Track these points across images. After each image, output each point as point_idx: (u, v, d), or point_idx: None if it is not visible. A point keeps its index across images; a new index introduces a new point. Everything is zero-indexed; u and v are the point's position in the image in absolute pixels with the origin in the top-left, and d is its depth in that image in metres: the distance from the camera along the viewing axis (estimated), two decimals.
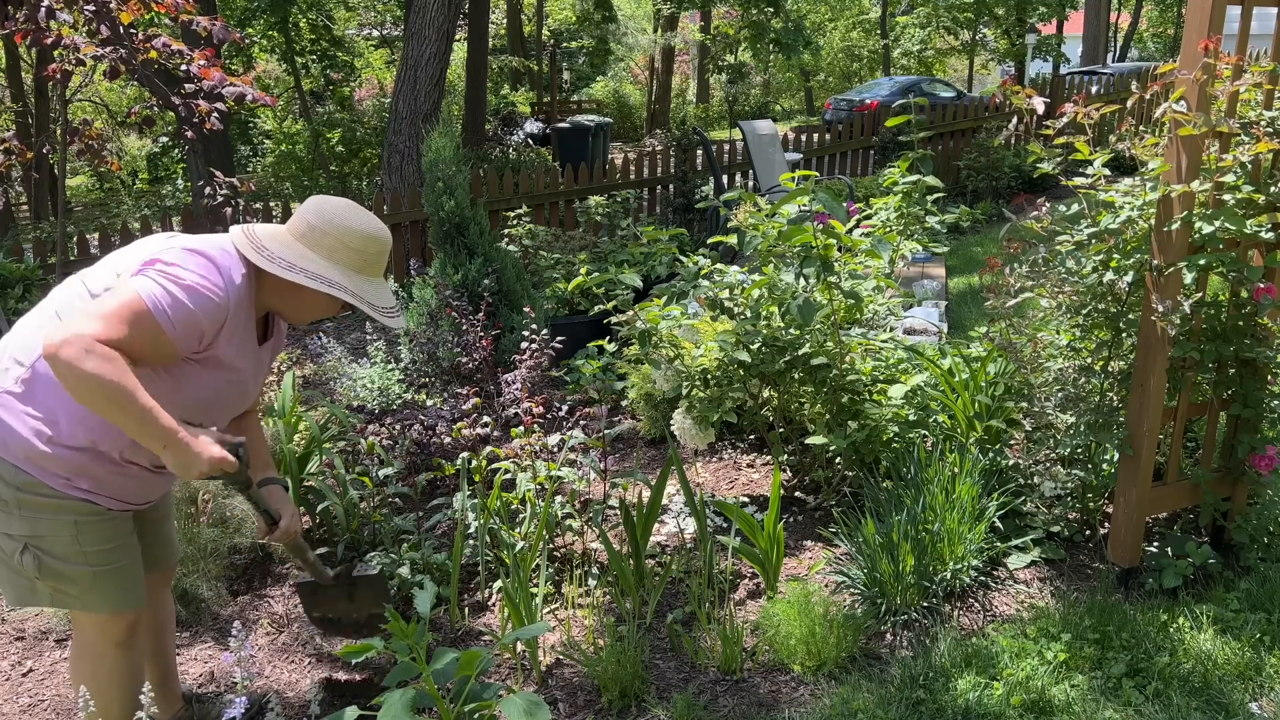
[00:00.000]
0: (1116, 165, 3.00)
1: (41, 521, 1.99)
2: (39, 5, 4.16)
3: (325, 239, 2.07)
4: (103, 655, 2.15)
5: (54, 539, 2.01)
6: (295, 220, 2.11)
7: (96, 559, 2.05)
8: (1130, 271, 2.82)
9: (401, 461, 3.61)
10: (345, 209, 2.10)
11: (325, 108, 17.21)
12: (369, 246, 2.10)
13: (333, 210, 2.09)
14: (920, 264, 6.27)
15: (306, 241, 2.07)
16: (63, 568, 2.03)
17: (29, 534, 2.00)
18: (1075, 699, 2.45)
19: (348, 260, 2.08)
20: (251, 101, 4.65)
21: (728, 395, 3.53)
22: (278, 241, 2.07)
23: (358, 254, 2.08)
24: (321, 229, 2.07)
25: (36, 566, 2.01)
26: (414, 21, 8.85)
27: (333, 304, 2.15)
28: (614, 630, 2.73)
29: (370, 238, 2.10)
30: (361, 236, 2.08)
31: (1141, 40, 32.12)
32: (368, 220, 2.10)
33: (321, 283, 2.03)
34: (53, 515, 1.99)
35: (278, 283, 2.08)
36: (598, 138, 15.63)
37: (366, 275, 2.12)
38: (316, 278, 2.03)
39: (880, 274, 3.81)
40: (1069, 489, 3.13)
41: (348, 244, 2.07)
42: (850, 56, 29.49)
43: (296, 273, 2.03)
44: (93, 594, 2.07)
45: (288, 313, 2.19)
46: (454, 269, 5.36)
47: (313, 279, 2.03)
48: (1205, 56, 2.55)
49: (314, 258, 2.06)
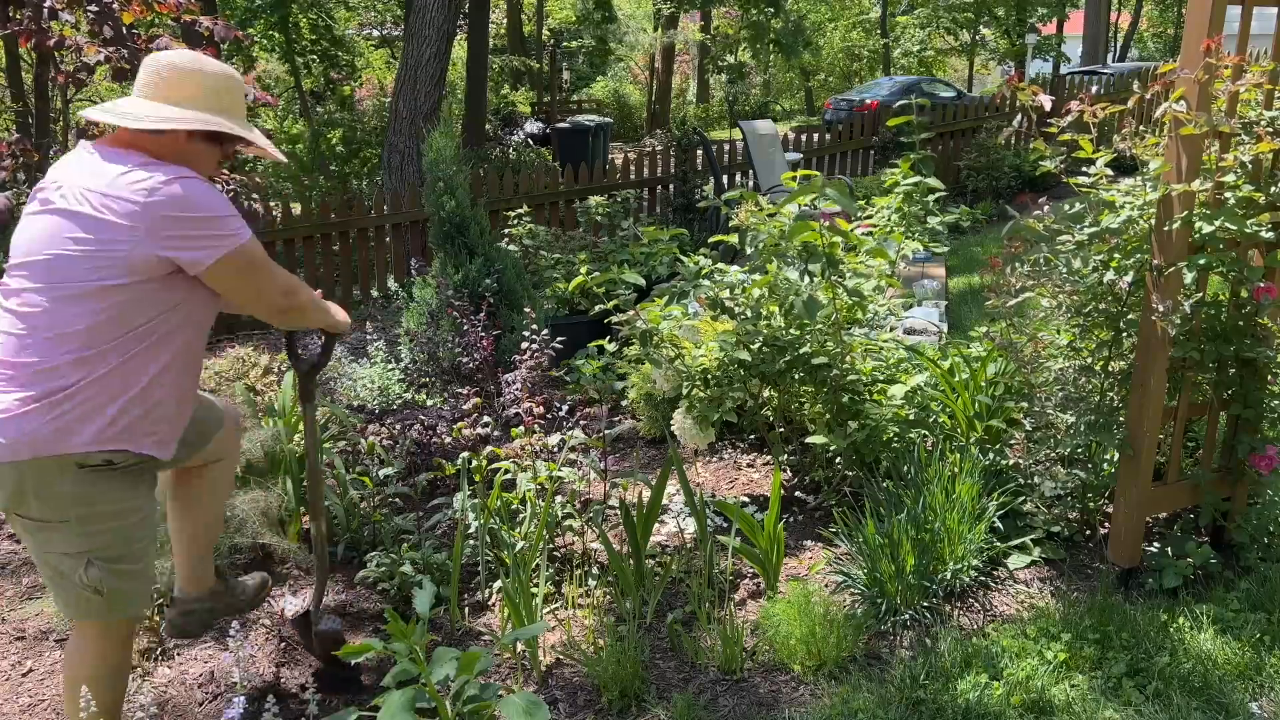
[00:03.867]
0: (1117, 165, 3.00)
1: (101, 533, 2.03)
2: (41, 5, 4.16)
3: (183, 88, 2.05)
4: (107, 654, 2.20)
5: (113, 545, 2.06)
6: (142, 84, 2.06)
7: (145, 553, 2.14)
8: (1131, 271, 2.82)
9: (402, 461, 3.61)
10: (188, 57, 2.10)
11: (325, 107, 17.23)
12: (226, 84, 2.10)
13: (178, 59, 2.08)
14: (920, 264, 6.27)
15: (166, 98, 2.03)
16: (123, 569, 2.08)
17: (91, 547, 2.03)
18: (1075, 699, 2.45)
19: (214, 103, 2.07)
20: (253, 102, 4.65)
21: (728, 395, 3.53)
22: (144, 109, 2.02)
23: (219, 94, 2.08)
24: (174, 79, 2.04)
25: (101, 576, 2.04)
26: (414, 21, 8.85)
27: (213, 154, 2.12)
28: (614, 630, 2.73)
29: (224, 75, 2.10)
30: (215, 76, 2.08)
31: (1141, 40, 32.12)
32: (211, 61, 2.11)
33: (210, 124, 2.03)
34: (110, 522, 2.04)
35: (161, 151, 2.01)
36: (598, 138, 15.64)
37: (235, 116, 2.11)
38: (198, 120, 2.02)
39: (882, 273, 3.81)
40: (1069, 489, 3.13)
41: (208, 86, 2.06)
42: (850, 56, 29.52)
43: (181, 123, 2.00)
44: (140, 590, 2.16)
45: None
46: (454, 269, 5.36)
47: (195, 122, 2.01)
48: (1206, 56, 2.55)
49: (182, 110, 2.03)
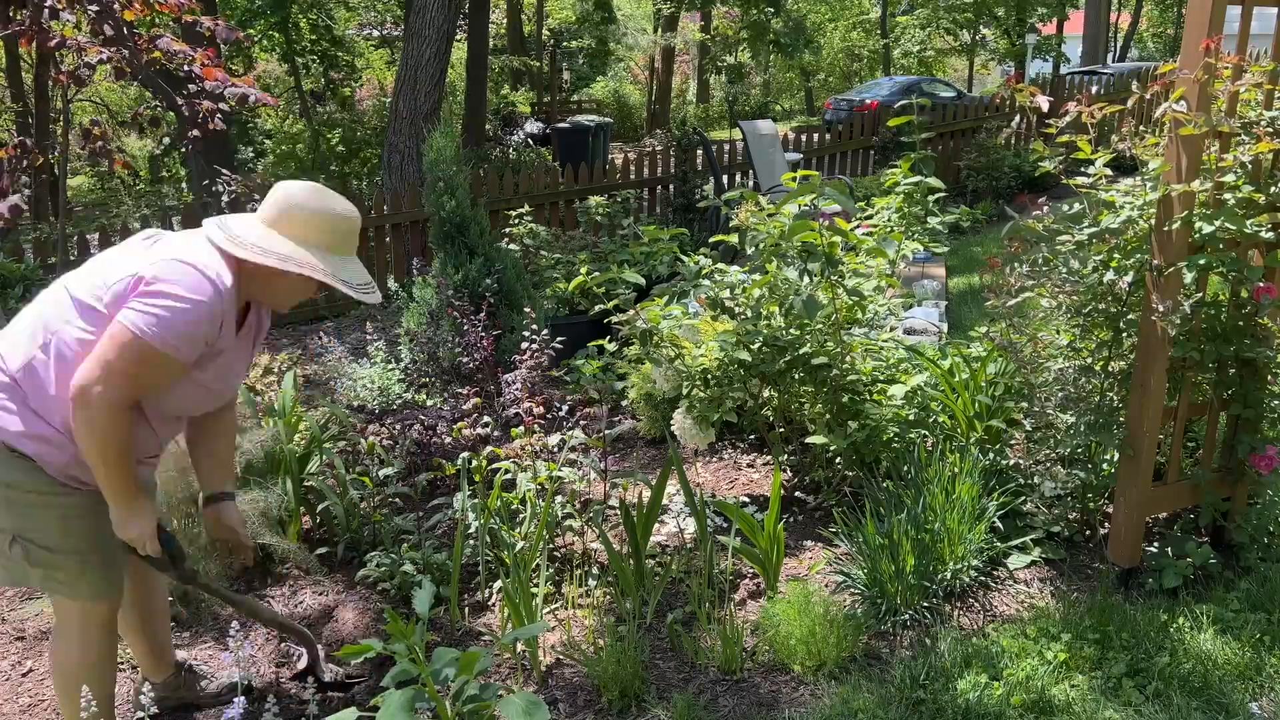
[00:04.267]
0: (1117, 165, 3.00)
1: (29, 515, 2.08)
2: (42, 6, 4.16)
3: (294, 222, 2.11)
4: (89, 638, 2.23)
5: (42, 531, 2.09)
6: (265, 207, 2.15)
7: (84, 548, 2.13)
8: (1130, 271, 2.82)
9: (402, 461, 3.61)
10: (311, 191, 2.14)
11: (325, 108, 17.23)
12: (338, 225, 2.14)
13: (300, 193, 2.14)
14: (920, 264, 6.27)
15: (277, 227, 2.11)
16: (50, 558, 2.11)
17: (17, 527, 2.08)
18: (1075, 699, 2.45)
19: (319, 241, 2.11)
20: (253, 102, 4.66)
21: (728, 395, 3.53)
22: (251, 229, 2.11)
23: (328, 234, 2.12)
24: (290, 213, 2.11)
25: (25, 556, 2.10)
26: (414, 22, 8.85)
27: (308, 286, 2.18)
28: (614, 630, 2.73)
29: (338, 216, 2.14)
30: (329, 216, 2.13)
31: (1141, 40, 32.11)
32: (334, 200, 2.15)
33: (294, 264, 2.07)
34: (40, 509, 2.07)
35: (255, 270, 2.11)
36: (598, 138, 15.64)
37: (339, 254, 2.15)
38: (289, 259, 2.07)
39: (883, 273, 3.81)
40: (1069, 489, 3.13)
41: (317, 225, 2.11)
42: (850, 56, 29.51)
43: (270, 257, 2.06)
44: (81, 581, 2.16)
45: (267, 299, 2.23)
46: (455, 269, 5.36)
47: (285, 260, 2.07)
48: (1206, 56, 2.55)
49: (286, 241, 2.09)
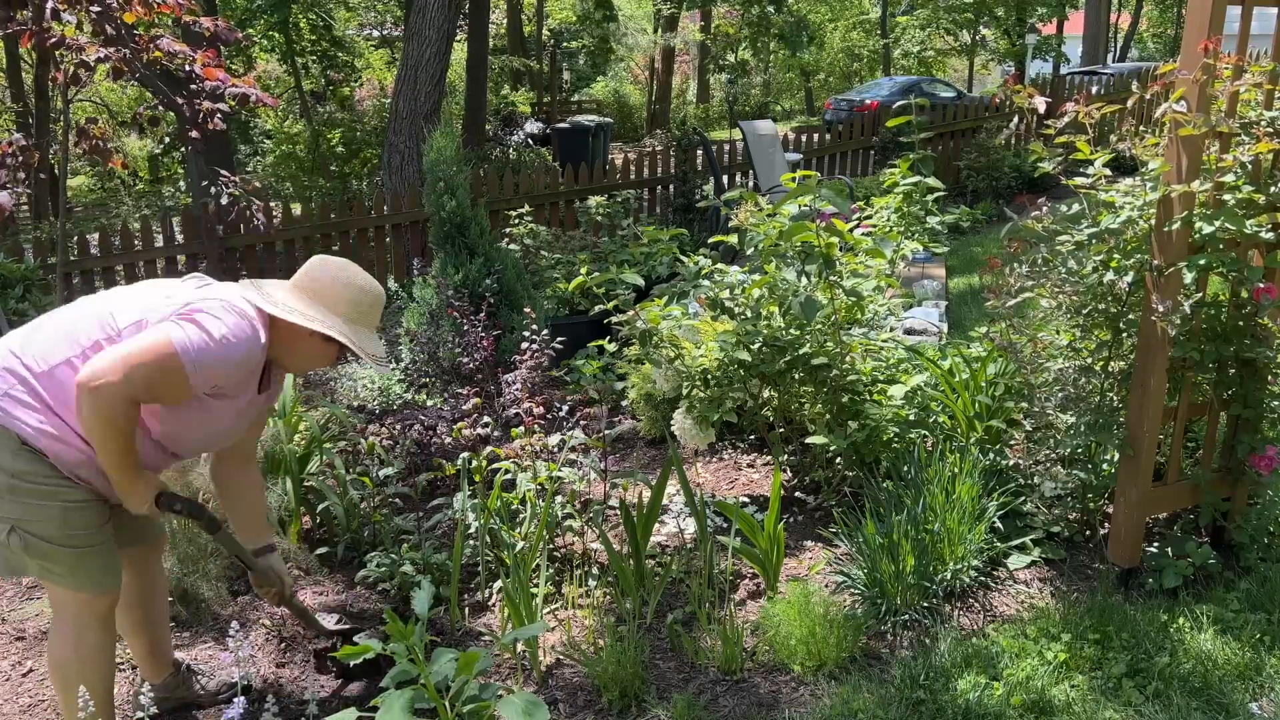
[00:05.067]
0: (1117, 165, 3.00)
1: (30, 506, 2.12)
2: (43, 5, 4.16)
3: (325, 292, 2.29)
4: (85, 632, 2.26)
5: (41, 523, 2.13)
6: (299, 275, 2.33)
7: (80, 541, 2.18)
8: (1130, 272, 2.82)
9: (402, 462, 3.61)
10: (343, 266, 2.35)
11: (325, 108, 17.23)
12: (363, 299, 2.33)
13: (334, 266, 2.34)
14: (920, 264, 6.27)
15: (309, 294, 2.30)
16: (48, 549, 2.15)
17: (16, 517, 2.12)
18: (1075, 699, 2.45)
19: (345, 311, 2.30)
20: (253, 102, 4.65)
21: (728, 395, 3.53)
22: (285, 292, 2.30)
23: (353, 305, 2.31)
24: (323, 282, 2.30)
25: (23, 547, 2.13)
26: (414, 21, 8.85)
27: (328, 354, 2.34)
28: (614, 630, 2.73)
29: (365, 290, 2.34)
30: (357, 289, 2.32)
31: (1141, 40, 32.11)
32: (362, 276, 2.36)
33: (322, 325, 2.24)
34: (41, 500, 2.12)
35: (282, 333, 2.27)
36: (598, 138, 15.64)
37: (361, 326, 2.34)
38: (319, 320, 2.25)
39: (882, 273, 3.81)
40: (1069, 489, 3.13)
41: (345, 296, 2.30)
42: (850, 56, 29.50)
43: (302, 317, 2.23)
44: (78, 573, 2.20)
45: (288, 362, 2.37)
46: (455, 269, 5.36)
47: (312, 320, 2.24)
48: (1205, 57, 2.55)
49: (317, 307, 2.28)
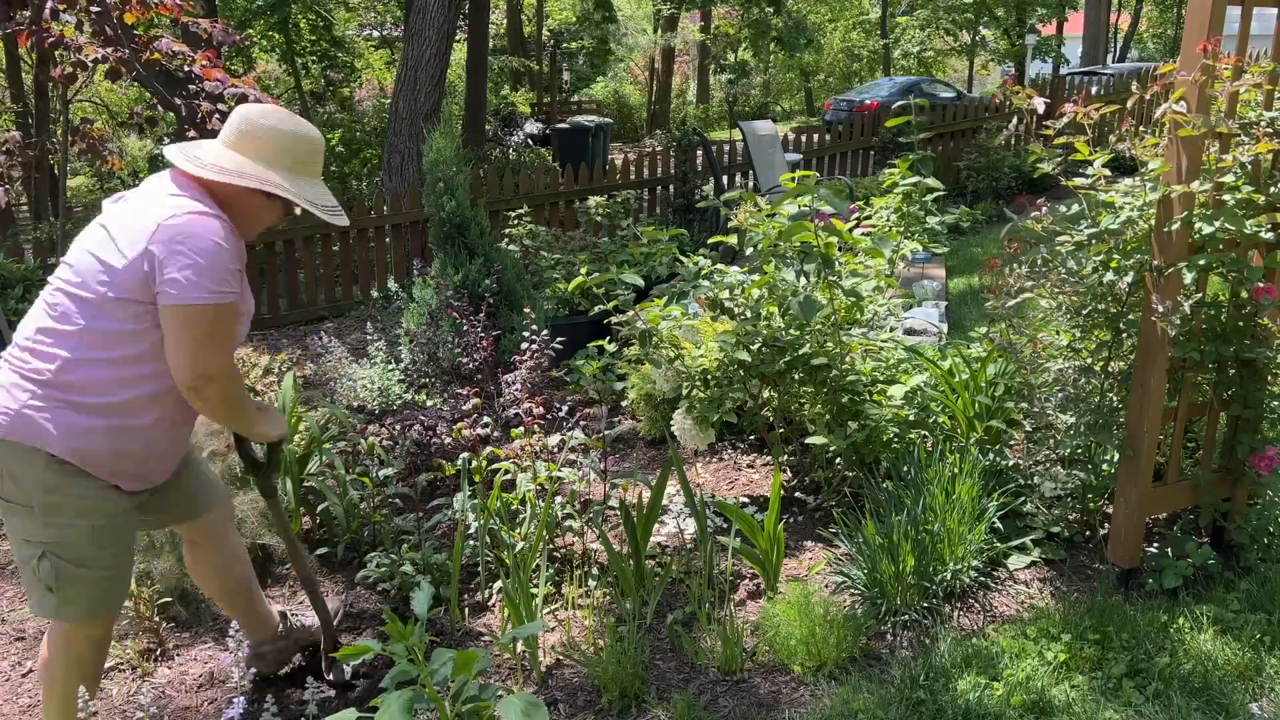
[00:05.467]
0: (1116, 165, 3.00)
1: (63, 528, 2.02)
2: (43, 5, 4.16)
3: (256, 142, 2.13)
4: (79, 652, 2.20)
5: (72, 545, 2.04)
6: (226, 130, 2.17)
7: (110, 562, 2.10)
8: (1130, 272, 2.82)
9: (402, 462, 3.61)
10: (271, 112, 2.17)
11: (325, 108, 17.21)
12: (299, 145, 2.16)
13: (260, 114, 2.16)
14: (920, 264, 6.27)
15: (239, 148, 2.14)
16: (79, 573, 2.06)
17: (49, 540, 2.03)
18: (1075, 699, 2.45)
19: (281, 161, 2.14)
20: (253, 102, 4.66)
21: (728, 395, 3.53)
22: (214, 154, 2.14)
23: (289, 153, 2.15)
24: (251, 133, 2.14)
25: (54, 575, 2.04)
26: (414, 22, 8.85)
27: (273, 208, 2.20)
28: (614, 630, 2.73)
29: (300, 136, 2.17)
30: (291, 136, 2.15)
31: (1141, 41, 32.11)
32: (295, 121, 2.19)
33: (257, 181, 2.09)
34: (73, 519, 2.02)
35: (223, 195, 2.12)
36: (598, 138, 15.64)
37: (304, 175, 2.18)
38: (252, 178, 2.09)
39: (881, 274, 3.81)
40: (1069, 489, 3.13)
41: (279, 145, 2.14)
42: (850, 57, 29.49)
43: (234, 176, 2.08)
44: (93, 597, 2.12)
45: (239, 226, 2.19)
46: (454, 269, 5.36)
47: (245, 178, 2.09)
48: (1205, 57, 2.55)
49: (249, 162, 2.12)
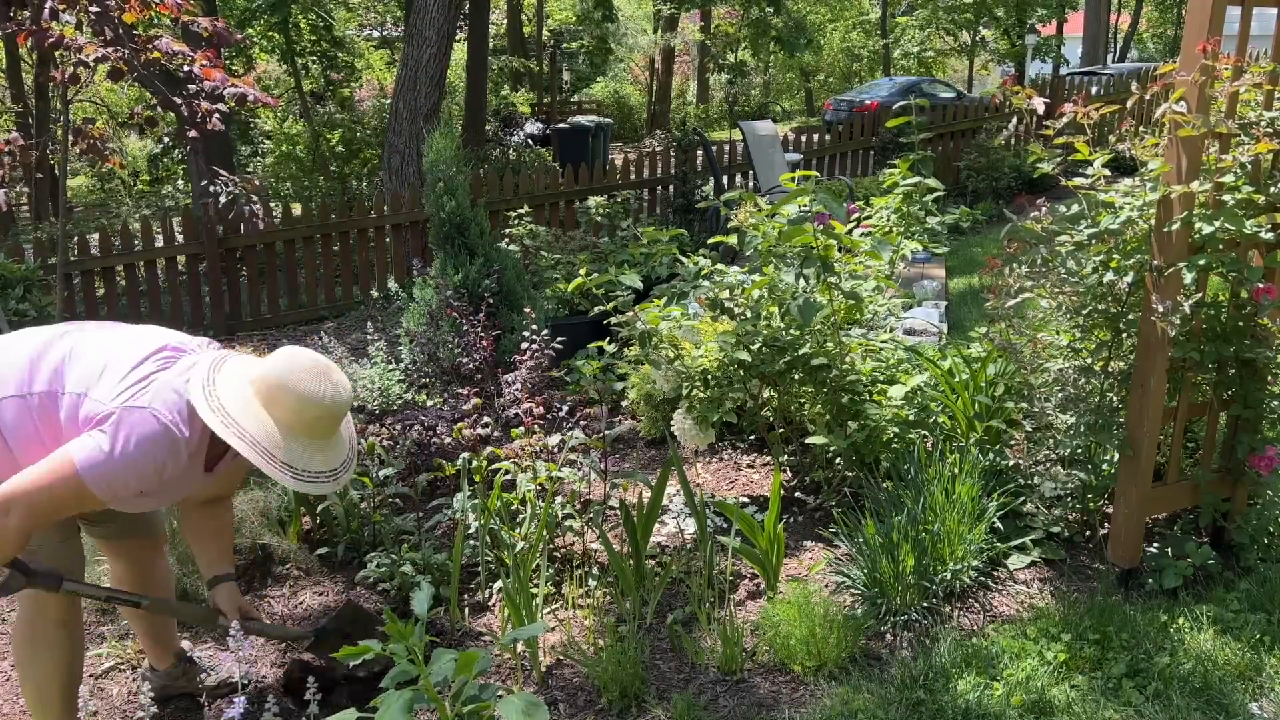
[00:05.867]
0: (1116, 166, 3.00)
1: None
2: (42, 5, 4.16)
3: (272, 391, 2.05)
4: (40, 631, 2.24)
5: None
6: (264, 374, 2.08)
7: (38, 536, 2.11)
8: (1130, 272, 2.82)
9: (402, 462, 3.61)
10: (303, 366, 2.07)
11: (325, 108, 17.21)
12: (307, 409, 2.04)
13: (289, 362, 2.08)
14: (920, 264, 6.27)
15: (257, 390, 2.06)
16: None
17: None
18: (1075, 699, 2.45)
19: (283, 417, 2.04)
20: (252, 102, 4.66)
21: (728, 396, 3.53)
22: (235, 395, 2.05)
23: (295, 413, 2.04)
24: (271, 380, 2.06)
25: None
26: (414, 22, 8.85)
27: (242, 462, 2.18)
28: (614, 630, 2.73)
29: (311, 399, 2.04)
30: (301, 396, 2.04)
31: (1141, 41, 32.09)
32: (315, 381, 2.06)
33: (232, 433, 1.99)
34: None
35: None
36: (598, 138, 15.64)
37: (302, 436, 2.05)
38: (232, 426, 2.00)
39: (880, 274, 3.81)
40: (1069, 489, 3.13)
41: (287, 403, 2.04)
42: (850, 57, 29.49)
43: (225, 425, 2.00)
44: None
45: (231, 458, 2.23)
46: (454, 269, 5.36)
47: (227, 427, 1.99)
48: (1204, 58, 2.55)
49: (259, 417, 2.03)
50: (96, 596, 2.31)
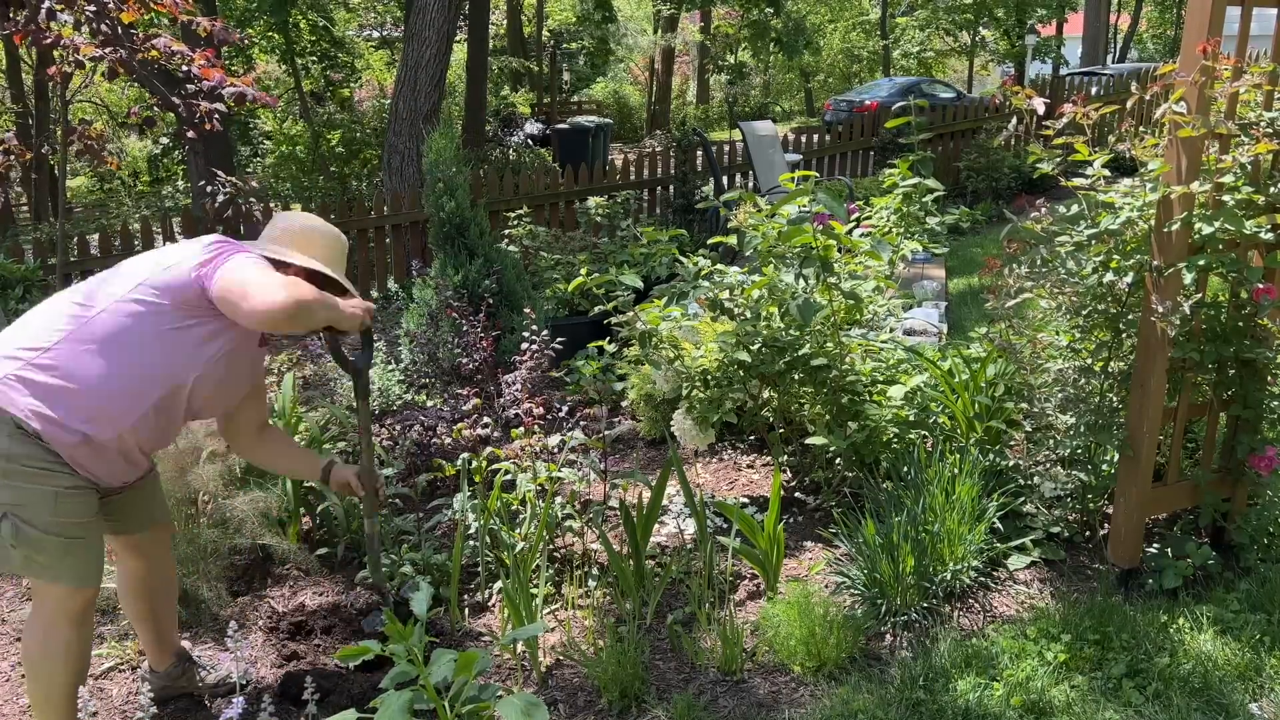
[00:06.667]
0: (1116, 166, 3.00)
1: (25, 490, 2.13)
2: (40, 6, 4.16)
3: (300, 239, 2.41)
4: (55, 628, 2.26)
5: (34, 508, 2.14)
6: (272, 230, 2.44)
7: (70, 530, 2.19)
8: (1130, 272, 2.82)
9: (402, 462, 3.61)
10: (309, 218, 2.50)
11: (325, 109, 17.21)
12: (335, 243, 2.47)
13: (301, 218, 2.49)
14: (920, 265, 6.27)
15: (285, 245, 2.40)
16: (38, 536, 2.15)
17: (11, 502, 2.13)
18: (1075, 700, 2.45)
19: (322, 255, 2.42)
20: (251, 102, 4.66)
21: (728, 396, 3.53)
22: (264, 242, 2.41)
23: (327, 248, 2.44)
24: (294, 231, 2.43)
25: (14, 534, 2.14)
26: (414, 22, 8.85)
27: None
28: (614, 631, 2.73)
29: (334, 235, 2.48)
30: (330, 234, 2.47)
31: (1141, 41, 32.10)
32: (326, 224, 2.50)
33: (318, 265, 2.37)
34: (37, 485, 2.13)
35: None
36: (598, 139, 15.64)
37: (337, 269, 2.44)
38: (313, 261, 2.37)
39: (880, 275, 3.81)
40: (1069, 490, 3.13)
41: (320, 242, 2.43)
42: (850, 57, 29.49)
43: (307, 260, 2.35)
44: (62, 564, 2.21)
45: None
46: (454, 270, 5.36)
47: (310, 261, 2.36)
48: (1204, 59, 2.55)
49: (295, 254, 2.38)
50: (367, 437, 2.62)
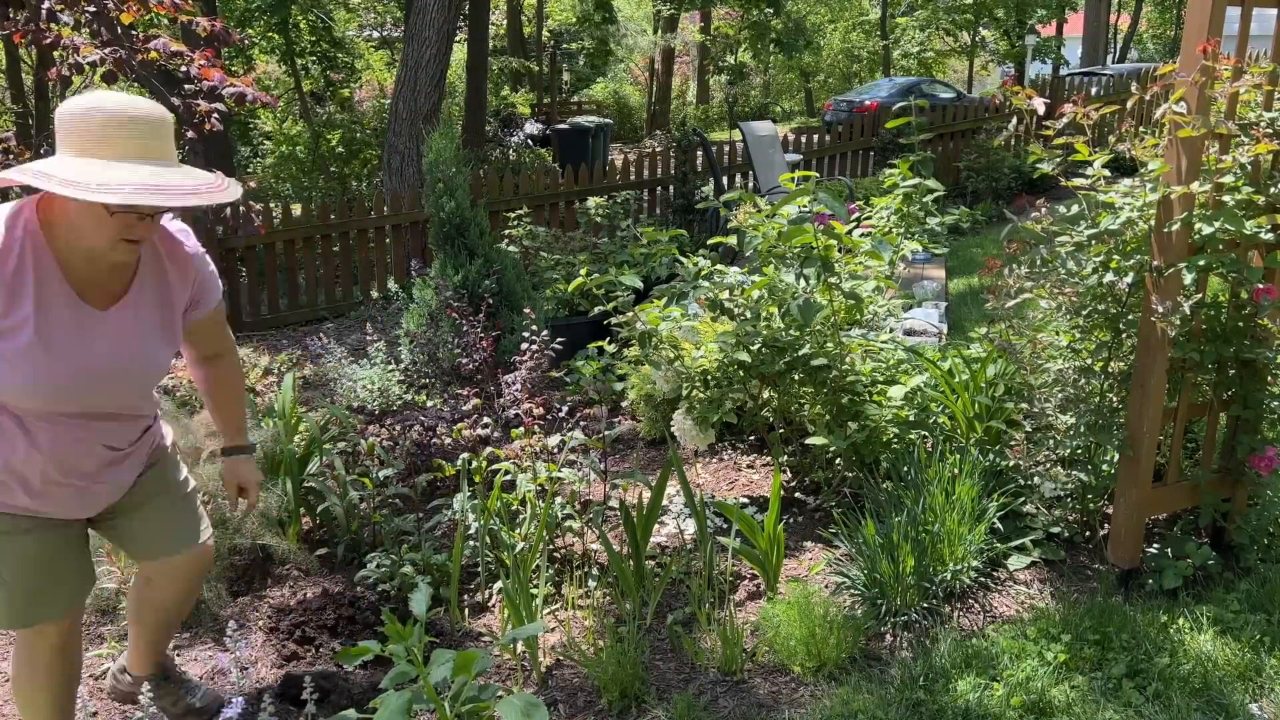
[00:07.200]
0: (1116, 166, 3.00)
1: None
2: (39, 6, 4.16)
3: (61, 128, 1.81)
4: (37, 655, 2.19)
5: None
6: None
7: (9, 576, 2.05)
8: (1130, 272, 2.82)
9: (402, 462, 3.61)
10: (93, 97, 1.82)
11: (325, 109, 17.21)
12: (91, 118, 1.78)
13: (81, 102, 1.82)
14: (920, 265, 6.27)
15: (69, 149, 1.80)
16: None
17: None
18: (1075, 700, 2.45)
19: (73, 142, 1.79)
20: (251, 102, 4.65)
21: (728, 396, 3.53)
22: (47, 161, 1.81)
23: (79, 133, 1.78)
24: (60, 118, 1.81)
25: None
26: (414, 23, 8.85)
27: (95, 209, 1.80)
28: (614, 631, 2.73)
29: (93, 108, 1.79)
30: (83, 110, 1.79)
31: (1141, 41, 32.12)
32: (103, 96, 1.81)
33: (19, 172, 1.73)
34: None
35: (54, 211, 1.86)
36: (598, 139, 15.64)
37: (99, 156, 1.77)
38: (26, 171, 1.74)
39: (880, 275, 3.81)
40: (1069, 490, 3.13)
41: (75, 126, 1.79)
42: (850, 58, 29.50)
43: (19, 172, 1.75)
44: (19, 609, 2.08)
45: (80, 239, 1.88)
46: (454, 270, 5.36)
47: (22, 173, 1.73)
48: (1204, 59, 2.55)
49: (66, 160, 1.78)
50: None
